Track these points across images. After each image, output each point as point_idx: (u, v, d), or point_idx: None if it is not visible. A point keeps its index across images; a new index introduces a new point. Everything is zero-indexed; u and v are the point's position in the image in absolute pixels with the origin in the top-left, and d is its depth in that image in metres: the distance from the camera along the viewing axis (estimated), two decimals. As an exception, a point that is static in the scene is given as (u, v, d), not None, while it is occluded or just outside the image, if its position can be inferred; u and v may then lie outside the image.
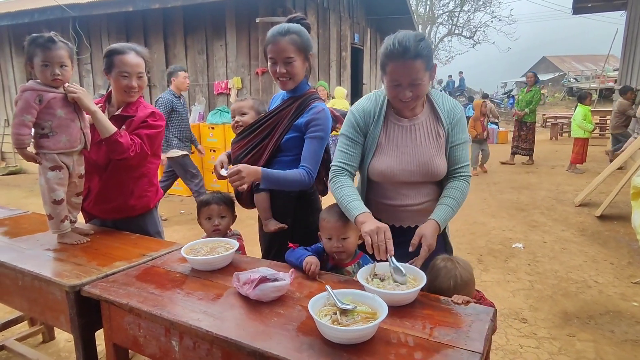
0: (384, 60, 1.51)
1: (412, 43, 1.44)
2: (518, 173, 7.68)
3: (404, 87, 1.50)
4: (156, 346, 1.34)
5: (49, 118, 1.78)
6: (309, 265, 1.51)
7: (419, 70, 1.47)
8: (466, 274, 1.45)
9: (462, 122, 1.67)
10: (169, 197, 6.40)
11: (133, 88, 2.01)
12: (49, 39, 1.75)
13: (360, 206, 1.53)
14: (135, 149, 1.98)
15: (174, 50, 6.98)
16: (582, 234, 4.47)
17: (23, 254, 1.78)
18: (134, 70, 1.99)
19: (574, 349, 2.52)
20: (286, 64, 1.80)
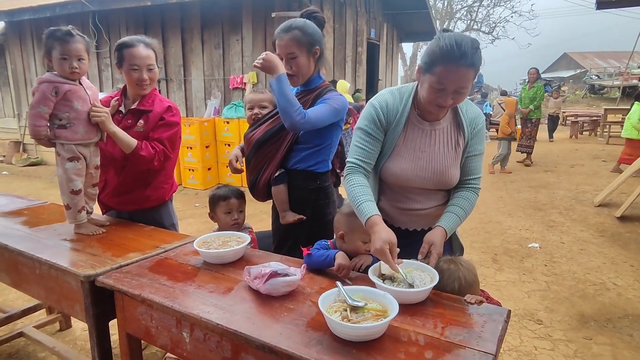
0: (434, 59, 1.37)
1: (469, 50, 1.34)
2: (536, 172, 7.54)
3: (448, 93, 1.40)
4: (167, 337, 1.35)
5: (67, 110, 1.81)
6: (342, 270, 1.45)
7: (469, 80, 1.38)
8: (470, 275, 1.42)
9: (482, 133, 1.60)
10: (184, 190, 6.48)
11: (144, 81, 2.02)
12: (67, 32, 1.77)
13: (371, 208, 1.45)
14: (158, 158, 2.05)
15: (191, 44, 7.03)
16: (602, 235, 4.37)
17: (41, 243, 1.82)
18: (143, 63, 2.00)
19: (590, 352, 2.46)
20: (290, 60, 1.84)
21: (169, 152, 2.10)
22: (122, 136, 1.95)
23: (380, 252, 1.34)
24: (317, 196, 1.97)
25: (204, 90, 7.12)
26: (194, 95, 7.25)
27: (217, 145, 6.69)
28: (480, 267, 3.62)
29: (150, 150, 2.02)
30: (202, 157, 6.44)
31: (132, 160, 2.02)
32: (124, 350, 1.53)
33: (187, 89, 7.29)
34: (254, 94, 2.09)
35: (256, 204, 2.45)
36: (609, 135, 10.98)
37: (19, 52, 8.81)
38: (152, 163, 2.04)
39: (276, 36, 1.87)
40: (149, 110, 2.07)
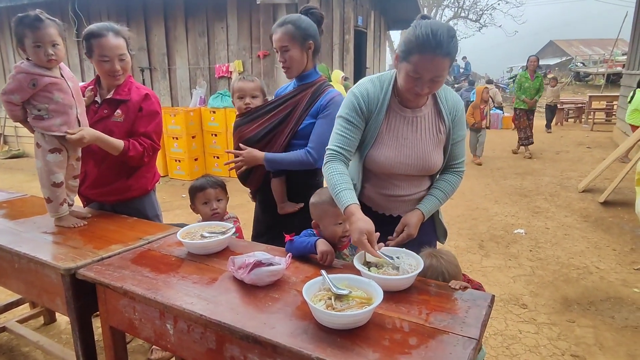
0: (410, 48, 1.37)
1: (445, 38, 1.33)
2: (522, 159, 7.61)
3: (424, 82, 1.41)
4: (151, 329, 1.33)
5: (46, 101, 1.75)
6: (326, 256, 1.46)
7: (444, 68, 1.39)
8: (452, 268, 1.43)
9: (462, 119, 1.64)
10: (170, 181, 6.40)
11: (117, 71, 1.95)
12: (35, 17, 1.69)
13: (348, 197, 1.45)
14: (148, 154, 2.04)
15: (175, 32, 6.88)
16: (585, 220, 4.44)
17: (20, 236, 1.77)
18: (114, 53, 1.92)
19: (573, 334, 2.51)
20: (283, 52, 1.90)
21: (156, 145, 2.09)
22: (106, 139, 1.91)
23: (359, 243, 1.35)
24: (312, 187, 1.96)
25: (189, 80, 7.00)
26: (178, 84, 7.13)
27: (204, 136, 6.61)
28: (467, 254, 3.66)
29: (139, 149, 2.00)
30: (188, 148, 6.36)
31: (122, 160, 2.00)
32: (108, 344, 1.51)
33: (171, 78, 7.16)
34: (243, 82, 2.04)
35: (243, 194, 2.43)
36: (593, 122, 11.12)
37: (-4, 41, 8.54)
38: (142, 160, 2.04)
39: (272, 30, 1.94)
40: (126, 100, 2.01)
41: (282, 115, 1.94)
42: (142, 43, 7.05)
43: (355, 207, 1.42)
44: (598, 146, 8.46)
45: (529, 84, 7.41)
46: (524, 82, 7.46)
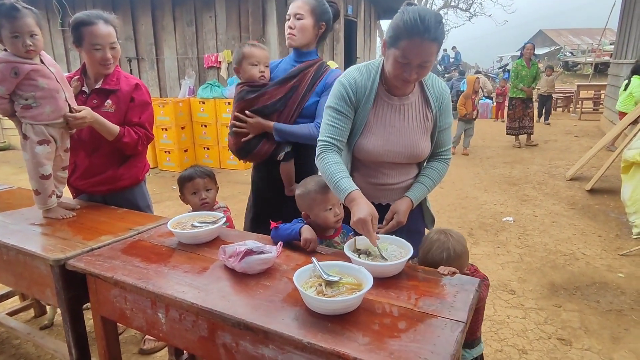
0: (398, 34, 1.38)
1: (433, 23, 1.34)
2: (511, 148, 7.68)
3: (413, 67, 1.41)
4: (143, 318, 1.34)
5: (31, 89, 1.73)
6: (309, 243, 1.48)
7: (432, 53, 1.39)
8: (459, 247, 1.46)
9: (449, 107, 1.65)
10: (160, 172, 6.36)
11: (108, 60, 1.94)
12: (11, 6, 1.65)
13: (349, 184, 1.46)
14: (142, 142, 2.05)
15: (162, 22, 6.78)
16: (572, 208, 4.52)
17: (7, 228, 1.76)
18: (106, 42, 1.91)
19: (559, 318, 2.57)
20: (296, 20, 1.93)
21: (150, 135, 2.10)
22: (102, 122, 1.90)
23: (363, 223, 1.35)
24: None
25: (178, 70, 6.92)
26: (167, 74, 7.04)
27: (193, 127, 6.55)
28: (456, 242, 3.70)
29: (133, 136, 2.01)
30: (177, 139, 6.31)
31: (115, 146, 2.00)
32: (99, 334, 1.51)
33: (159, 68, 7.07)
34: (256, 48, 1.98)
35: (234, 184, 2.42)
36: (581, 111, 11.24)
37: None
38: (137, 148, 2.04)
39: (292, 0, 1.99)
40: (116, 90, 1.99)
41: (291, 90, 1.95)
42: (129, 32, 6.93)
43: (357, 192, 1.44)
44: (585, 135, 8.57)
45: (526, 72, 7.21)
46: (520, 71, 7.26)
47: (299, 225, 1.54)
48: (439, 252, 1.44)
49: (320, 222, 1.57)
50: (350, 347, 0.97)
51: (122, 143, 1.98)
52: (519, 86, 7.25)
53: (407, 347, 0.97)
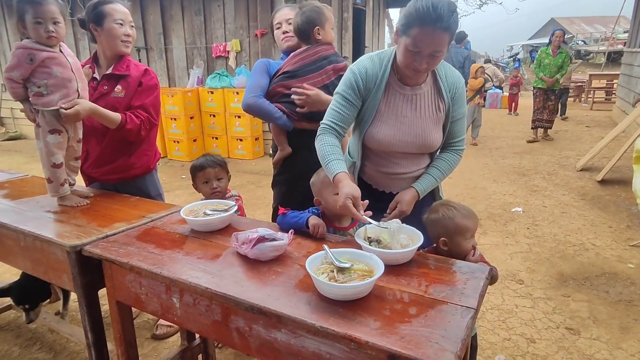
0: (410, 21, 1.37)
1: (446, 12, 1.32)
2: (521, 138, 7.61)
3: (423, 56, 1.40)
4: (157, 303, 1.37)
5: (44, 77, 1.75)
6: (317, 229, 1.50)
7: (444, 43, 1.38)
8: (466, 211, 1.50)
9: (462, 96, 1.63)
10: (170, 162, 6.40)
11: (129, 35, 2.02)
12: None
13: (337, 166, 1.49)
14: (144, 127, 2.05)
15: (171, 11, 6.77)
16: (583, 199, 4.48)
17: (24, 215, 1.79)
18: (127, 18, 2.02)
19: (568, 308, 2.57)
20: (290, 24, 2.10)
21: (153, 120, 2.10)
22: (102, 112, 1.91)
23: (344, 208, 1.38)
24: None
25: (186, 59, 6.92)
26: (175, 64, 7.05)
27: (202, 116, 6.58)
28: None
29: (136, 121, 2.01)
30: (186, 129, 6.34)
31: (120, 134, 2.02)
32: (115, 318, 1.55)
33: (168, 58, 7.08)
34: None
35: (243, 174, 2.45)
36: (593, 101, 11.08)
37: (-11, 21, 8.39)
38: (140, 134, 2.05)
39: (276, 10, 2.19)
40: (126, 75, 2.03)
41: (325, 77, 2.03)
42: (137, 22, 6.93)
43: (343, 175, 1.46)
44: (597, 125, 8.46)
45: (549, 60, 6.74)
46: (543, 59, 6.81)
47: (306, 214, 1.56)
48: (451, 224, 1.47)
49: (330, 207, 1.58)
50: (362, 331, 0.99)
51: (126, 130, 1.99)
52: (539, 75, 6.85)
53: (418, 332, 0.98)
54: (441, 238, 1.48)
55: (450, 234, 1.47)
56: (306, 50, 2.02)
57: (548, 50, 6.81)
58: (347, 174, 1.47)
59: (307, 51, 2.01)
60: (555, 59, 6.69)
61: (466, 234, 1.49)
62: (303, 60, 2.01)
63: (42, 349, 2.29)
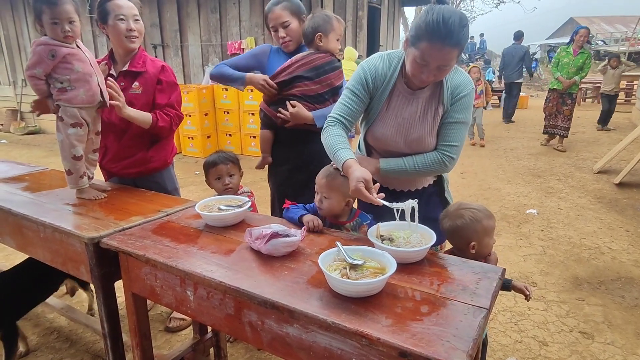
0: (419, 35, 1.36)
1: (456, 28, 1.30)
2: (537, 139, 7.50)
3: (430, 69, 1.40)
4: (172, 296, 1.39)
5: (67, 72, 1.79)
6: (311, 223, 1.54)
7: (452, 58, 1.38)
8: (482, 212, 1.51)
9: (464, 101, 1.56)
10: (184, 158, 6.48)
11: (132, 30, 2.02)
12: None
13: (345, 154, 1.49)
14: (175, 122, 2.13)
15: (187, 8, 6.84)
16: (599, 201, 4.41)
17: (44, 207, 1.84)
18: (129, 13, 2.01)
19: (582, 312, 2.54)
20: (284, 28, 2.08)
21: (180, 114, 2.19)
22: (135, 114, 1.98)
23: (356, 191, 1.38)
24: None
25: (202, 57, 6.99)
26: (191, 61, 7.13)
27: (216, 113, 6.64)
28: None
29: (166, 119, 2.09)
30: (201, 125, 6.41)
31: (153, 132, 2.09)
32: (130, 309, 1.58)
33: (184, 55, 7.16)
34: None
35: (256, 171, 2.47)
36: (611, 102, 10.84)
37: (11, 18, 8.59)
38: (172, 130, 2.14)
39: (268, 10, 2.12)
40: (142, 72, 2.06)
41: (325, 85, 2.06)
42: (154, 20, 7.03)
43: (352, 161, 1.46)
44: (616, 127, 8.28)
45: (568, 59, 6.07)
46: (562, 57, 6.17)
47: (300, 212, 1.61)
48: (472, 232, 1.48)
49: (332, 206, 1.61)
50: (373, 327, 1.00)
51: (159, 128, 2.06)
52: (556, 75, 6.23)
53: (429, 330, 0.99)
54: (472, 243, 1.47)
55: (479, 236, 1.48)
56: (304, 57, 2.02)
57: (569, 49, 6.17)
58: (356, 161, 1.48)
59: (305, 58, 2.02)
60: (575, 59, 6.07)
61: (491, 234, 1.50)
62: (300, 67, 2.02)
63: (58, 339, 2.35)
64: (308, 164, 2.09)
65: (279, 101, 2.08)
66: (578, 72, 6.09)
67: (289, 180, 2.17)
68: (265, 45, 2.26)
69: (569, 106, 6.28)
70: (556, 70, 6.26)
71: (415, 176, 1.70)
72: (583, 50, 6.08)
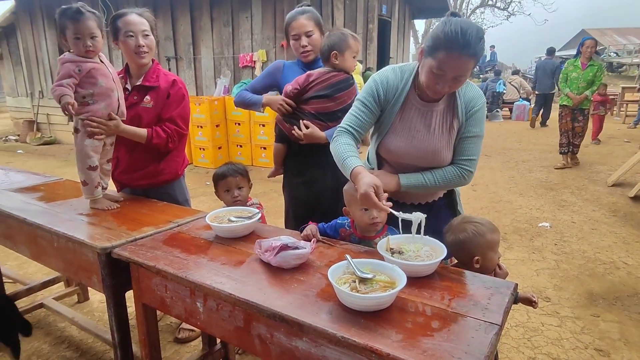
0: (437, 44, 1.37)
1: (474, 39, 1.32)
2: (549, 151, 7.42)
3: (447, 80, 1.41)
4: (182, 307, 1.40)
5: (91, 87, 1.85)
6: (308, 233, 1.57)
7: (469, 69, 1.39)
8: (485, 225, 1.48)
9: (478, 115, 1.58)
10: (195, 169, 6.54)
11: (141, 46, 2.03)
12: (76, 10, 1.78)
13: (354, 161, 1.50)
14: (172, 140, 2.12)
15: (200, 22, 6.97)
16: (614, 215, 4.33)
17: (58, 217, 1.87)
18: (138, 29, 2.02)
19: (597, 329, 2.48)
20: (307, 37, 2.11)
21: (182, 130, 2.16)
22: (129, 130, 2.01)
23: (365, 196, 1.37)
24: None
25: (214, 69, 7.10)
26: (203, 73, 7.24)
27: (227, 124, 6.71)
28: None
29: (162, 135, 2.09)
30: (212, 136, 6.47)
31: (149, 147, 2.10)
32: (140, 320, 1.59)
33: (196, 67, 7.27)
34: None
35: (267, 182, 2.48)
36: (625, 114, 10.73)
37: (30, 31, 8.83)
38: (167, 146, 2.12)
39: (292, 18, 2.13)
40: (155, 86, 2.09)
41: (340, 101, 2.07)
42: (168, 33, 7.17)
43: (360, 168, 1.47)
44: (631, 139, 8.17)
45: (577, 73, 5.74)
46: (570, 72, 5.84)
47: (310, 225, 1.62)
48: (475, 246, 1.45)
49: (356, 220, 1.60)
50: (383, 343, 0.99)
51: (153, 145, 2.09)
52: (565, 91, 5.88)
53: (440, 346, 0.97)
54: (475, 257, 1.46)
55: (483, 251, 1.46)
56: (321, 75, 2.03)
57: (576, 62, 5.84)
58: (364, 167, 1.49)
59: (322, 76, 2.03)
60: (584, 73, 5.71)
61: (495, 248, 1.48)
62: (317, 85, 2.03)
63: (69, 348, 2.36)
64: (321, 177, 2.09)
65: (294, 115, 2.09)
66: (589, 86, 5.74)
67: (302, 193, 2.17)
68: (278, 62, 2.28)
69: (581, 123, 5.98)
70: (565, 85, 5.92)
71: (435, 190, 1.70)
72: (592, 62, 5.75)
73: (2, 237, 2.07)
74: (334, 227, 1.69)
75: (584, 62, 5.76)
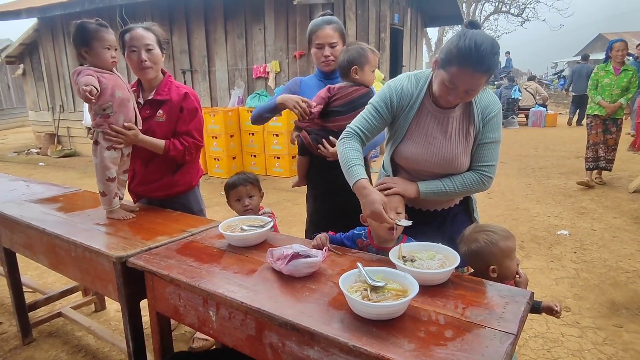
0: (450, 59, 1.37)
1: (488, 55, 1.32)
2: (567, 158, 7.29)
3: (459, 92, 1.41)
4: (195, 315, 1.41)
5: (110, 99, 1.89)
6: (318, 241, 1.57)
7: (481, 84, 1.40)
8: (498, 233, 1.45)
9: (495, 121, 1.58)
10: (210, 179, 6.61)
11: (143, 61, 2.03)
12: (101, 23, 1.86)
13: (359, 172, 1.50)
14: (189, 152, 2.15)
15: (215, 35, 7.10)
16: (636, 222, 4.21)
17: (75, 227, 1.91)
18: (140, 43, 2.02)
19: (620, 340, 2.40)
20: (331, 47, 2.12)
21: (199, 143, 2.20)
22: (147, 140, 2.04)
23: (378, 216, 1.39)
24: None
25: (228, 80, 7.20)
26: (218, 85, 7.34)
27: (242, 135, 6.78)
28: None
29: (179, 147, 2.12)
30: (226, 147, 6.54)
31: (165, 159, 2.13)
32: (154, 328, 1.60)
33: (211, 79, 7.39)
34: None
35: (280, 192, 2.50)
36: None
37: (52, 47, 9.11)
38: (185, 158, 2.15)
39: (317, 27, 2.12)
40: (167, 100, 2.12)
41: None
42: (183, 46, 7.32)
43: (365, 181, 1.48)
44: (651, 144, 7.95)
45: (609, 79, 5.10)
46: (601, 78, 5.17)
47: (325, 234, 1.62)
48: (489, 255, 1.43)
49: (373, 229, 1.59)
50: (395, 352, 0.97)
51: (170, 156, 2.12)
52: (596, 99, 5.17)
53: (454, 356, 0.96)
54: (491, 266, 1.43)
55: (498, 259, 1.43)
56: (341, 90, 2.01)
57: (608, 67, 5.17)
58: (368, 180, 1.50)
59: (343, 91, 2.01)
60: (618, 79, 5.06)
61: (512, 255, 1.45)
62: (337, 101, 2.01)
63: (86, 356, 2.39)
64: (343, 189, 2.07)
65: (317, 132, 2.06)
66: (623, 93, 5.07)
67: (325, 204, 2.16)
68: (296, 79, 2.28)
69: (614, 135, 5.24)
70: (595, 93, 5.21)
71: (453, 197, 1.69)
72: (626, 67, 5.11)
73: (22, 247, 2.12)
74: (351, 237, 1.68)
75: (616, 66, 5.13)
